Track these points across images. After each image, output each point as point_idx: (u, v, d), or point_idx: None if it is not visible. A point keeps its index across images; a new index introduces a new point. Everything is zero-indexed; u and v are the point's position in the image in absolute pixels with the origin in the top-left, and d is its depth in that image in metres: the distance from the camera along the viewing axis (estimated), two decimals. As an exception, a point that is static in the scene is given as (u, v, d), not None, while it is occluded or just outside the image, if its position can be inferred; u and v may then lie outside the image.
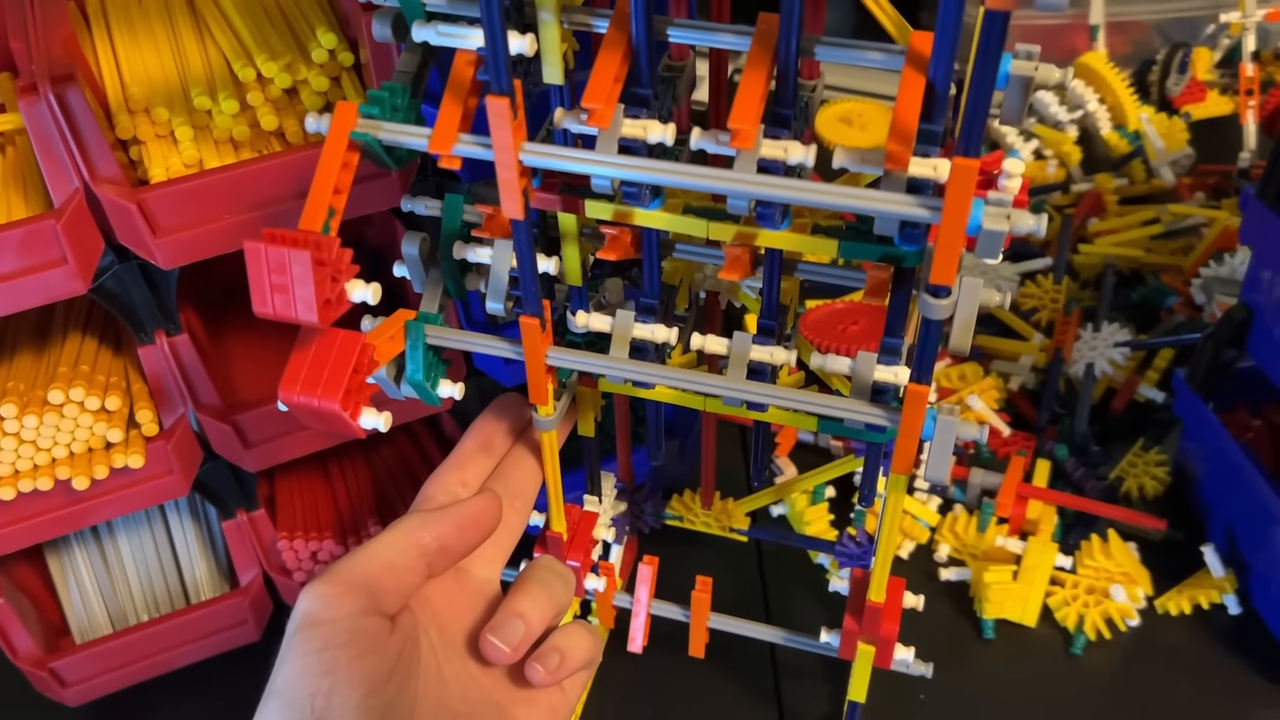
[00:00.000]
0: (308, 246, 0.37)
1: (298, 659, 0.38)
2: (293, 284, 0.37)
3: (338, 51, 0.51)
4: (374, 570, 0.41)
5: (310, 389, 0.40)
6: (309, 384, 0.40)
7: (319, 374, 0.40)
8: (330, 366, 0.40)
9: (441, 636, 0.43)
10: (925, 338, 0.39)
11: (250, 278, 0.38)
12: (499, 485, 0.49)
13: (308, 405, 0.40)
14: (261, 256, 0.37)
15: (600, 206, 0.43)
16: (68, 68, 0.46)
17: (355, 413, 0.41)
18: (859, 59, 0.38)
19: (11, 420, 0.52)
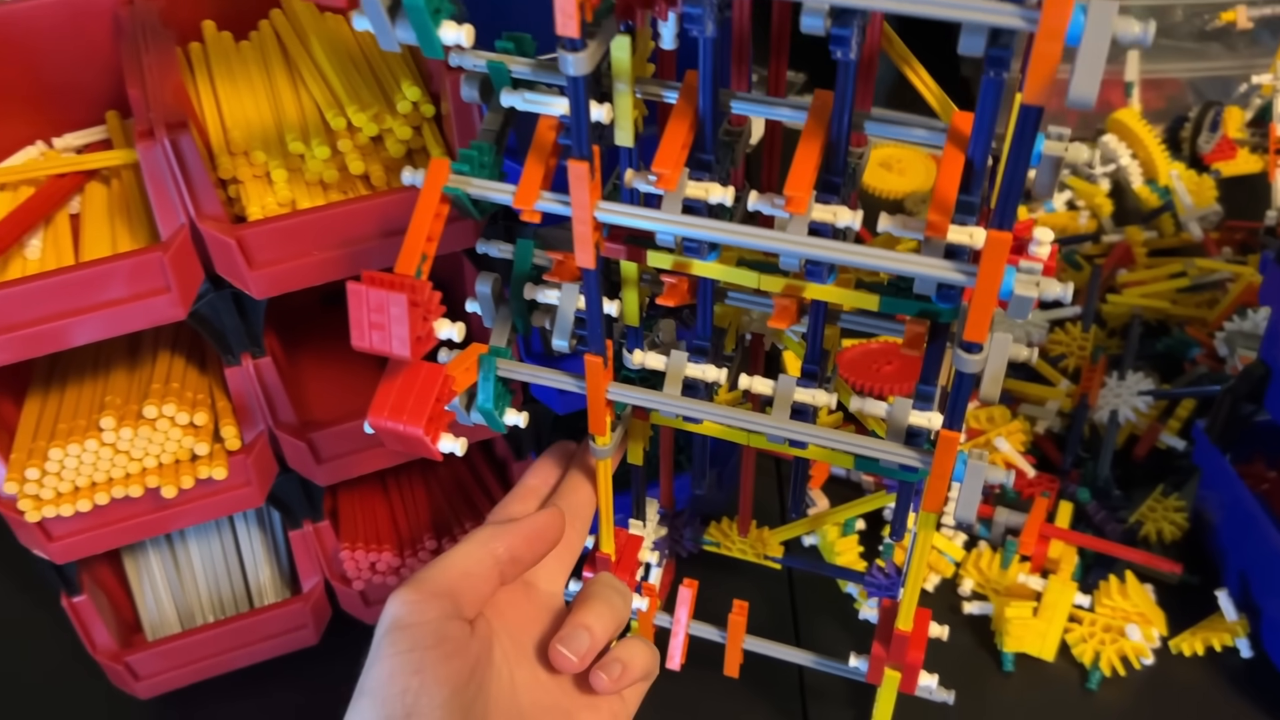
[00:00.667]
0: (405, 290, 0.41)
1: (388, 659, 0.42)
2: (389, 323, 0.42)
3: (420, 104, 0.56)
4: (454, 578, 0.45)
5: (397, 414, 0.44)
6: (396, 410, 0.44)
7: (405, 401, 0.45)
8: (415, 395, 0.45)
9: (513, 645, 0.47)
10: (958, 388, 0.43)
11: (351, 315, 0.42)
12: (560, 506, 0.53)
13: (394, 429, 0.45)
14: (363, 297, 0.42)
15: (661, 257, 0.47)
16: (180, 115, 0.51)
17: (435, 437, 0.45)
18: (905, 135, 0.42)
19: (109, 432, 0.56)
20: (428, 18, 0.38)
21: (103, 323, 0.52)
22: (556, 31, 0.38)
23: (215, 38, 0.62)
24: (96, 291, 0.51)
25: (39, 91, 0.62)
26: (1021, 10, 0.32)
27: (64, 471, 0.56)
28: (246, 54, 0.61)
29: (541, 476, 0.55)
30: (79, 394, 0.60)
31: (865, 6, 0.34)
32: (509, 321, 0.52)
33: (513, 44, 0.45)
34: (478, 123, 0.55)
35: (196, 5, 0.62)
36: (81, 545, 0.60)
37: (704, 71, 0.41)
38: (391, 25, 0.38)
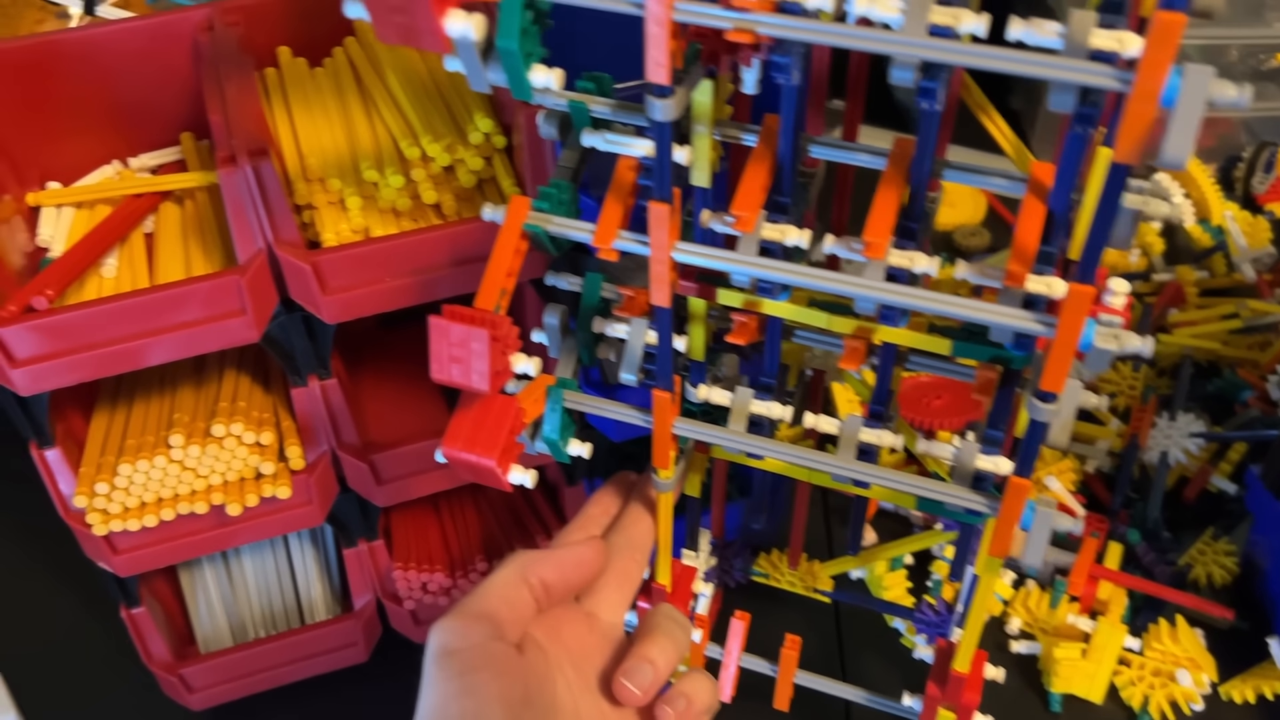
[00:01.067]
0: (486, 325, 0.42)
1: (440, 684, 0.42)
2: (470, 357, 0.42)
3: (492, 135, 0.57)
4: (492, 604, 0.46)
5: (471, 445, 0.45)
6: (470, 441, 0.45)
7: (479, 433, 0.45)
8: (489, 427, 0.45)
9: (576, 675, 0.48)
10: (1031, 436, 0.43)
11: (431, 348, 0.43)
12: (620, 538, 0.53)
13: (467, 460, 0.45)
14: (445, 331, 0.42)
15: (732, 295, 0.47)
16: (261, 142, 0.52)
17: (507, 469, 0.46)
18: (984, 183, 0.42)
19: (178, 449, 0.57)
20: (520, 62, 0.38)
21: (178, 344, 0.53)
22: (646, 78, 0.38)
23: (291, 64, 0.63)
24: (173, 313, 0.52)
25: (117, 112, 0.63)
26: (1116, 72, 0.33)
27: (132, 487, 0.57)
28: (321, 80, 0.62)
29: (602, 506, 0.55)
30: (147, 409, 0.61)
31: (960, 63, 0.34)
32: (575, 353, 0.53)
33: (593, 84, 0.46)
34: (549, 155, 0.56)
35: (273, 32, 0.63)
36: (145, 559, 0.61)
37: (786, 118, 0.42)
38: (484, 68, 0.39)
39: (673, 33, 0.37)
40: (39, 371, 0.51)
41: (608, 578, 0.52)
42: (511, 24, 0.38)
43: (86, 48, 0.60)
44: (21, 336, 0.50)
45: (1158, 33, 0.31)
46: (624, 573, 0.52)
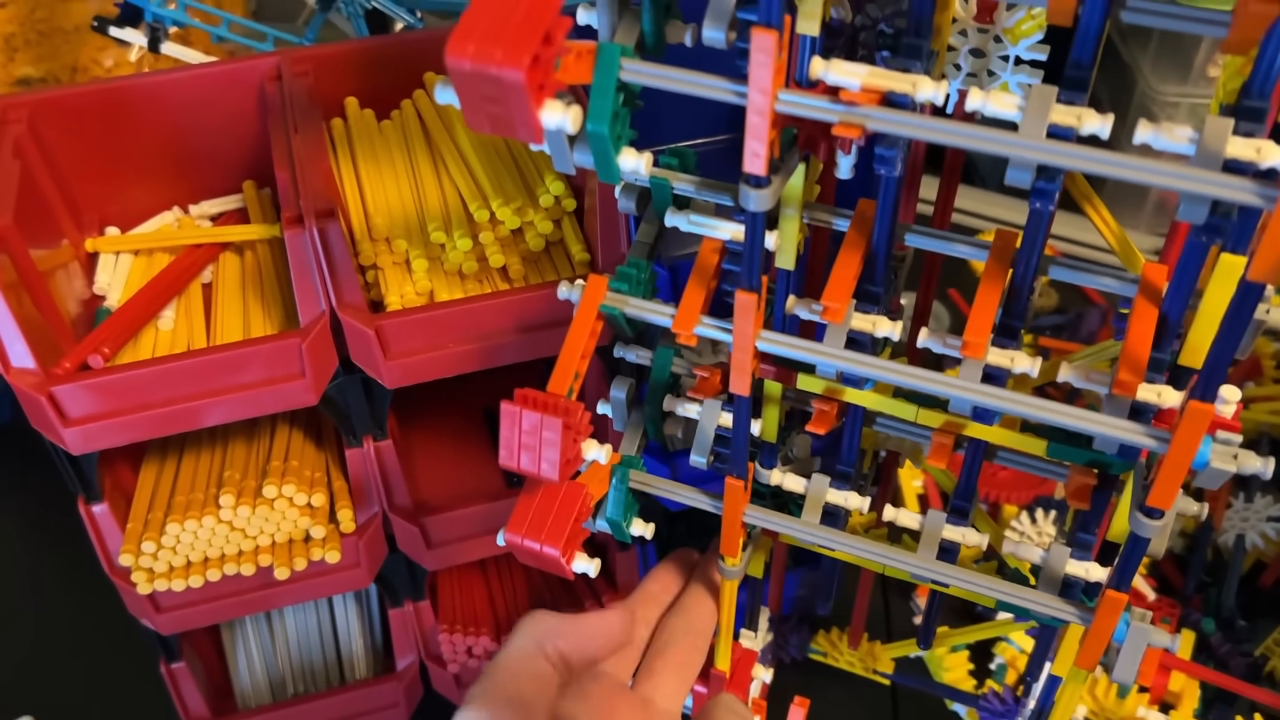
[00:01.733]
0: (559, 413, 0.40)
1: None
2: (540, 445, 0.40)
3: (563, 198, 0.55)
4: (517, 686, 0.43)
5: (536, 534, 0.43)
6: (535, 529, 0.43)
7: (544, 520, 0.43)
8: (555, 515, 0.43)
9: None
10: (1131, 550, 0.40)
11: (501, 434, 0.41)
12: (680, 621, 0.51)
13: (531, 549, 0.43)
14: (516, 418, 0.40)
15: (812, 381, 0.45)
16: (329, 203, 0.50)
17: (571, 558, 0.44)
18: (1093, 282, 0.40)
19: (228, 509, 0.55)
20: (610, 146, 0.36)
21: (235, 405, 0.51)
22: (744, 169, 0.36)
23: (358, 115, 0.62)
24: (231, 375, 0.51)
25: (179, 158, 0.62)
26: (1257, 186, 0.30)
27: (179, 546, 0.56)
28: (389, 134, 0.60)
29: (662, 583, 0.53)
30: (197, 464, 0.59)
31: (1083, 169, 0.32)
32: (640, 428, 0.51)
33: (676, 160, 0.44)
34: (620, 220, 0.54)
35: (341, 81, 0.62)
36: (187, 618, 0.59)
37: (884, 207, 0.40)
38: (571, 151, 0.37)
39: (773, 122, 0.35)
40: (92, 431, 0.50)
41: (666, 663, 0.50)
42: (603, 108, 0.36)
43: (153, 93, 0.59)
44: (75, 396, 0.49)
45: None
46: (683, 660, 0.50)
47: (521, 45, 0.32)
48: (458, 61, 0.32)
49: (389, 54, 0.62)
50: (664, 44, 0.38)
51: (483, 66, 0.32)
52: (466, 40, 0.32)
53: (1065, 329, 0.92)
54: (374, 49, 0.62)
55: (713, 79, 0.36)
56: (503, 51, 0.32)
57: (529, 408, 0.40)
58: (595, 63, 0.36)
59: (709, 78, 0.36)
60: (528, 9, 0.33)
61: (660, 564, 0.54)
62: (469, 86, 0.33)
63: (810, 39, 0.38)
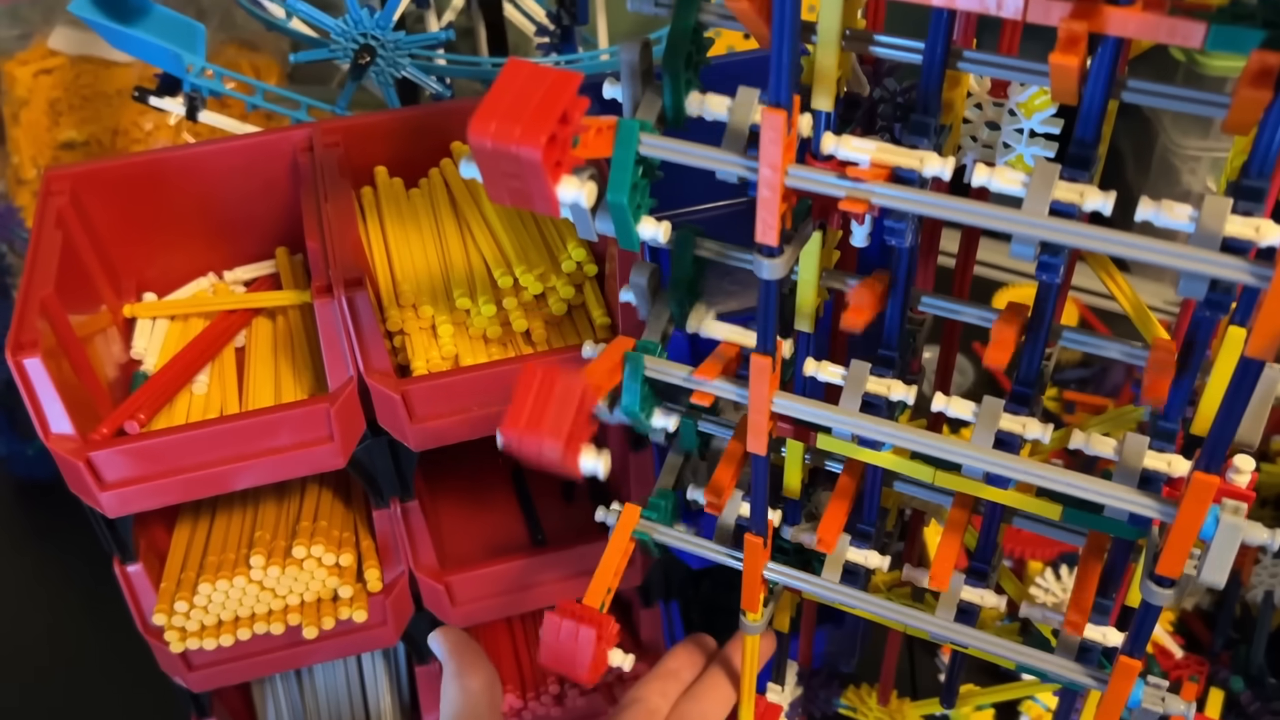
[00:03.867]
0: (594, 625, 0.44)
1: None
2: (577, 651, 0.44)
3: (585, 264, 0.56)
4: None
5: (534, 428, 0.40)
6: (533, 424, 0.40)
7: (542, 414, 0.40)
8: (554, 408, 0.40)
9: None
10: (1144, 617, 0.41)
11: (544, 637, 0.45)
12: (693, 708, 0.52)
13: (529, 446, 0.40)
14: (557, 625, 0.45)
15: (832, 441, 0.46)
16: (357, 272, 0.52)
17: (575, 453, 0.41)
18: (1105, 351, 0.41)
19: (258, 570, 0.57)
20: (629, 215, 0.38)
21: (266, 469, 0.53)
22: (756, 239, 0.37)
23: (387, 184, 0.64)
24: (262, 440, 0.52)
25: (214, 225, 0.64)
26: (1251, 266, 0.31)
27: (210, 606, 0.57)
28: (417, 202, 0.62)
29: (681, 660, 0.54)
30: (228, 525, 0.61)
31: (1083, 246, 0.33)
32: (662, 317, 0.47)
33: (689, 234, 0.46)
34: (640, 286, 0.55)
35: (371, 151, 0.64)
36: (218, 676, 0.60)
37: (899, 275, 0.41)
38: (593, 219, 0.38)
39: (783, 195, 0.37)
40: (127, 495, 0.51)
41: None
42: (622, 180, 0.37)
43: (190, 165, 0.61)
44: (112, 460, 0.50)
45: None
46: None
47: (539, 125, 0.33)
48: (479, 139, 0.34)
49: (417, 124, 0.64)
50: (684, 117, 0.40)
51: (503, 145, 0.33)
52: (488, 119, 0.34)
53: (1090, 382, 0.93)
54: (402, 119, 0.64)
55: (727, 154, 0.37)
56: (521, 130, 0.33)
57: (567, 618, 0.45)
58: (615, 138, 0.37)
59: (723, 153, 0.37)
60: (546, 90, 0.34)
61: (680, 644, 0.55)
62: (490, 163, 0.34)
63: (825, 114, 0.39)
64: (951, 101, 0.42)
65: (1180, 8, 0.32)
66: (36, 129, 1.00)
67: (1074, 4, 0.32)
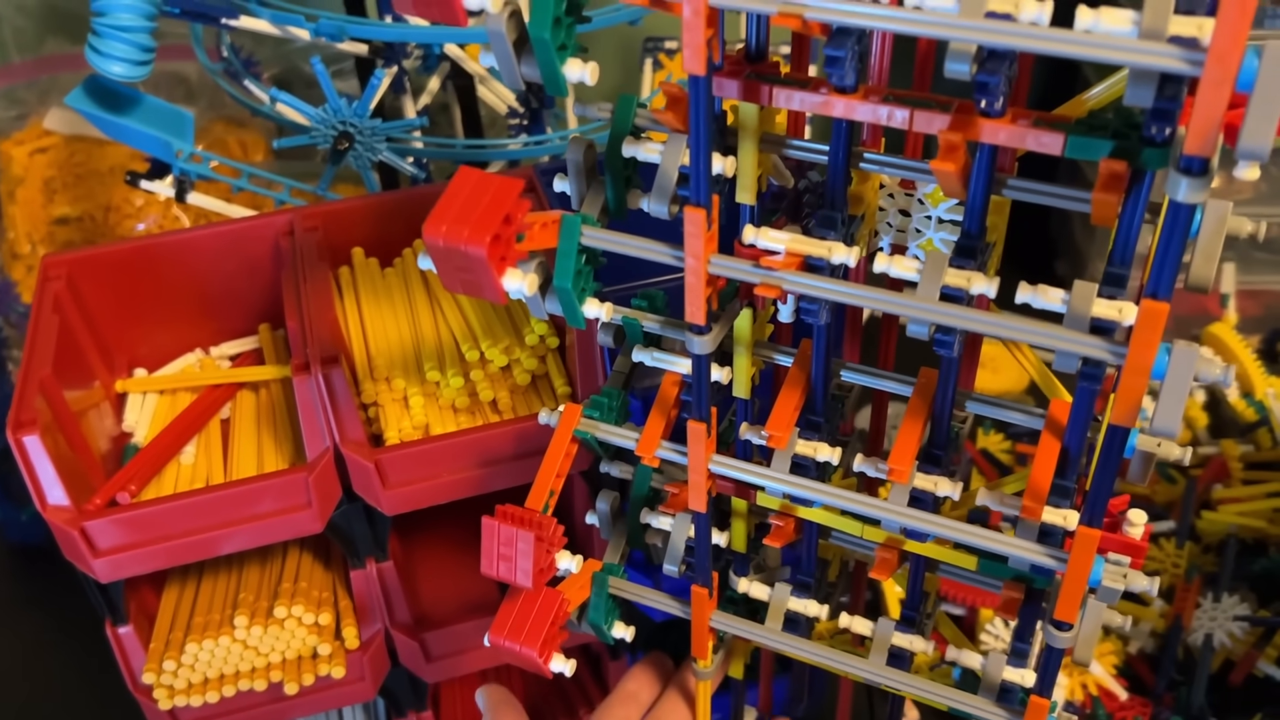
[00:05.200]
0: (533, 527, 0.45)
1: None
2: (516, 556, 0.45)
3: (547, 337, 0.60)
4: None
5: (515, 636, 0.47)
6: (515, 631, 0.47)
7: (523, 623, 0.47)
8: (534, 618, 0.47)
9: None
10: (1048, 660, 0.44)
11: (483, 546, 0.46)
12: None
13: (511, 649, 0.47)
14: (495, 531, 0.46)
15: (770, 500, 0.50)
16: (333, 350, 0.56)
17: (548, 658, 0.47)
18: (1006, 416, 0.45)
19: (241, 629, 0.60)
20: (574, 299, 0.42)
21: (249, 535, 0.56)
22: (686, 318, 0.42)
23: (363, 264, 0.68)
24: (245, 507, 0.56)
25: (201, 305, 0.68)
26: (1110, 346, 0.35)
27: (197, 664, 0.60)
28: (390, 280, 0.67)
29: (639, 682, 0.57)
30: (214, 586, 0.64)
31: (973, 329, 0.37)
32: (623, 539, 0.55)
33: (646, 302, 0.50)
34: (597, 357, 0.59)
35: (349, 233, 0.68)
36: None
37: (818, 347, 0.45)
38: (543, 300, 0.43)
39: (708, 281, 0.41)
40: (119, 561, 0.55)
41: None
42: (567, 268, 0.42)
43: (178, 249, 0.66)
44: (104, 529, 0.54)
45: (1145, 316, 0.34)
46: None
47: (485, 226, 0.38)
48: (433, 239, 0.38)
49: (392, 208, 0.68)
50: (625, 210, 0.44)
51: (453, 244, 0.38)
52: (440, 222, 0.38)
53: (1041, 436, 0.96)
54: (378, 204, 0.68)
55: (659, 245, 0.42)
56: (469, 231, 0.38)
57: (505, 522, 0.46)
58: (559, 231, 0.42)
59: (656, 244, 0.42)
60: (492, 195, 0.39)
61: (638, 665, 0.58)
62: (443, 258, 0.39)
63: (748, 207, 0.44)
64: (862, 194, 0.47)
65: (1044, 120, 0.36)
66: (32, 206, 1.05)
67: (952, 117, 0.36)
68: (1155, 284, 0.34)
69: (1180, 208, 0.33)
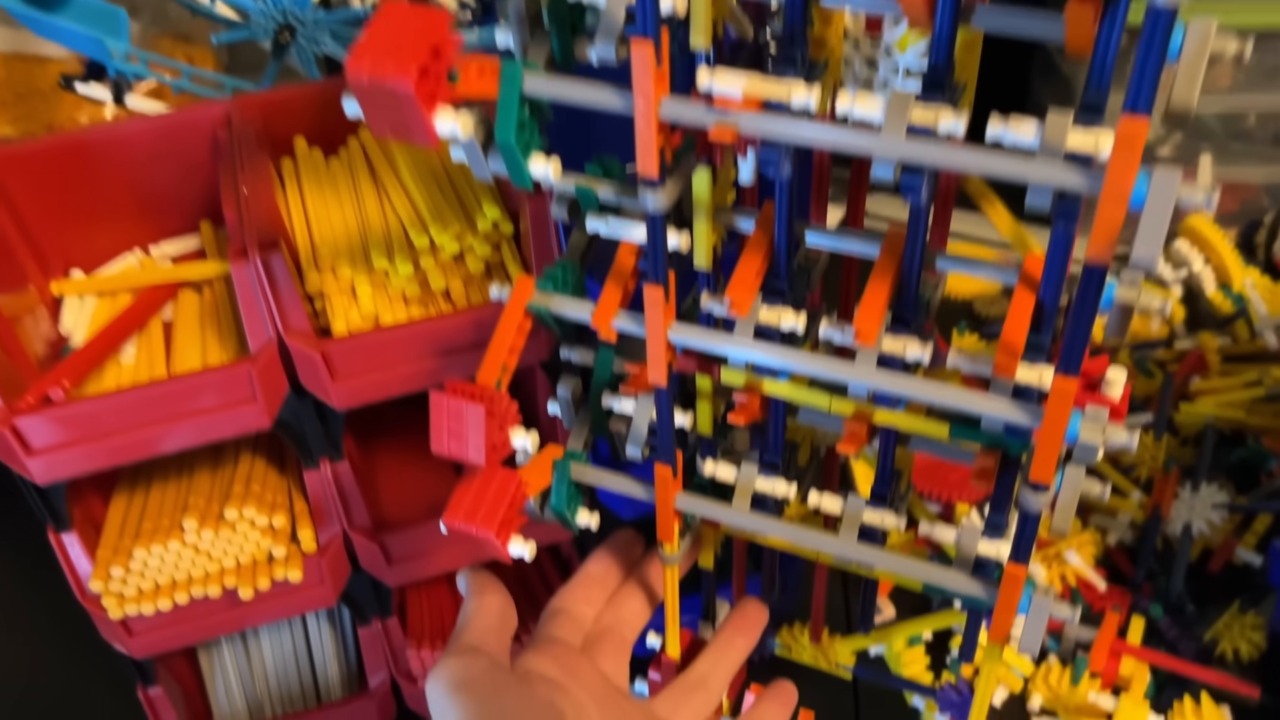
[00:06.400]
0: (483, 401, 0.43)
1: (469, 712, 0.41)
2: (467, 431, 0.43)
3: (500, 223, 0.58)
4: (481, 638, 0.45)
5: (471, 518, 0.44)
6: (470, 513, 0.44)
7: (479, 506, 0.45)
8: (490, 500, 0.45)
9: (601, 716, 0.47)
10: (1024, 525, 0.43)
11: (431, 422, 0.43)
12: (609, 616, 0.53)
13: (468, 532, 0.45)
14: (443, 406, 0.43)
15: (734, 374, 0.48)
16: (272, 234, 0.53)
17: (506, 541, 0.45)
18: (978, 272, 0.43)
19: (192, 533, 0.58)
20: (518, 155, 0.39)
21: (192, 432, 0.54)
22: (638, 171, 0.39)
23: (306, 154, 0.65)
24: (187, 402, 0.53)
25: (139, 202, 0.65)
26: (1087, 174, 0.33)
27: (146, 570, 0.58)
28: (335, 169, 0.64)
29: (603, 566, 0.55)
30: (164, 492, 0.62)
31: (936, 164, 0.35)
32: (587, 425, 0.53)
33: (600, 168, 0.47)
34: (553, 241, 0.56)
35: (290, 123, 0.65)
36: (159, 642, 0.62)
37: (780, 206, 0.43)
38: (485, 159, 0.40)
39: (661, 129, 0.38)
40: (54, 461, 0.52)
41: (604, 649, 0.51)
42: (509, 120, 0.39)
43: (113, 142, 0.62)
44: (37, 427, 0.52)
45: (1124, 135, 0.32)
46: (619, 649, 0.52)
47: (410, 58, 0.35)
48: (356, 76, 0.35)
49: (334, 95, 0.65)
50: (573, 60, 0.41)
51: (378, 79, 0.35)
52: (363, 56, 0.35)
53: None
54: (319, 91, 0.65)
55: (605, 90, 0.39)
56: (394, 64, 0.35)
57: (454, 396, 0.43)
58: (499, 79, 0.39)
59: (602, 89, 0.39)
60: (419, 28, 0.36)
61: (602, 547, 0.56)
62: (368, 98, 0.36)
63: (703, 53, 0.41)
64: (825, 38, 0.44)
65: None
66: (-30, 125, 1.01)
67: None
68: (1134, 98, 0.32)
69: (1159, 14, 0.30)
